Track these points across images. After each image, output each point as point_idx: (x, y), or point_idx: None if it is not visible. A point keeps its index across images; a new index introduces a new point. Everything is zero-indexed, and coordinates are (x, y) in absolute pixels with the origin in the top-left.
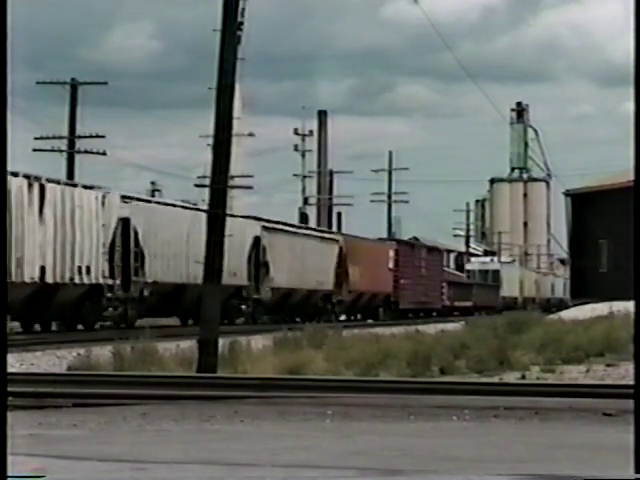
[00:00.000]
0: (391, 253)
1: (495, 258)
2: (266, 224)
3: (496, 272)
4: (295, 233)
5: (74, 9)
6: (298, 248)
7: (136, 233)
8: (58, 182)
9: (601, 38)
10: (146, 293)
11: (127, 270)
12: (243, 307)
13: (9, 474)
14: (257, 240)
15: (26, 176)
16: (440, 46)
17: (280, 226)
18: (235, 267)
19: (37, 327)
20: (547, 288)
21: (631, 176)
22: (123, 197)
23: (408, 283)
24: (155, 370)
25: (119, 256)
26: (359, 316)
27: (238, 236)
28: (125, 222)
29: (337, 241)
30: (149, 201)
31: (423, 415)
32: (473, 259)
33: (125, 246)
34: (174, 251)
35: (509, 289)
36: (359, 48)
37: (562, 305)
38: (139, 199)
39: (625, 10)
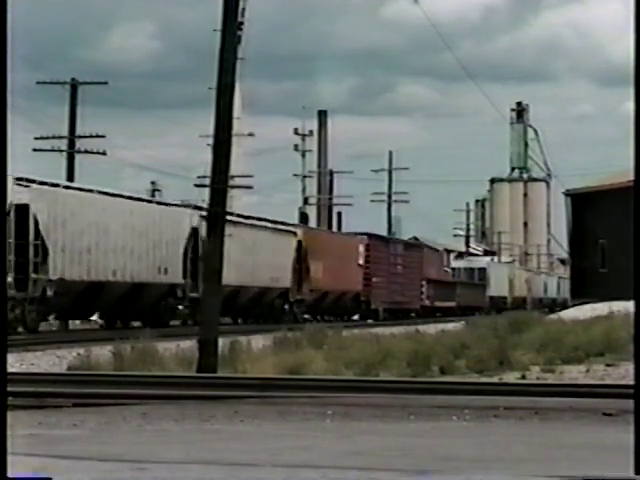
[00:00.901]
0: (361, 248)
1: (488, 258)
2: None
3: (483, 270)
4: (243, 224)
5: (74, 9)
6: (247, 241)
7: (36, 222)
8: None
9: (601, 38)
10: (49, 293)
11: (24, 266)
12: (180, 307)
13: (9, 474)
14: (195, 232)
15: None
16: (440, 46)
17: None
18: (167, 262)
19: None
20: (539, 287)
21: (631, 176)
22: (19, 179)
23: (381, 281)
24: (155, 370)
25: (14, 250)
26: (336, 318)
27: (171, 227)
28: (22, 209)
29: (295, 234)
30: (56, 185)
31: (423, 415)
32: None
33: (22, 238)
34: (87, 244)
35: (497, 288)
36: (359, 48)
37: (556, 305)
38: (42, 182)
39: (626, 10)
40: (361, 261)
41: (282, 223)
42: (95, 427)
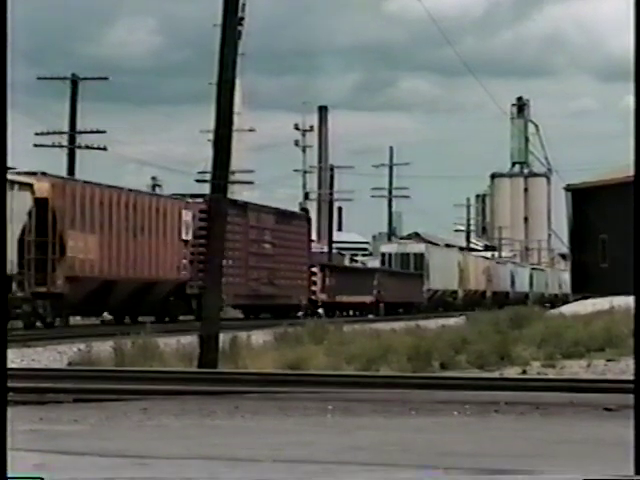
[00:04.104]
0: (187, 215)
1: (422, 244)
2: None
3: (420, 257)
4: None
5: (75, 4)
6: None
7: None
8: None
9: (603, 33)
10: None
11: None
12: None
13: (9, 475)
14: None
15: None
16: (442, 41)
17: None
18: None
19: None
20: (505, 280)
21: (631, 171)
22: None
23: (233, 266)
24: (156, 365)
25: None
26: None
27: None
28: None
29: (30, 187)
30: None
31: (424, 410)
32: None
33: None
34: None
35: (441, 280)
36: (361, 43)
37: (528, 301)
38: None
39: (627, 5)
40: (188, 235)
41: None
42: (96, 422)
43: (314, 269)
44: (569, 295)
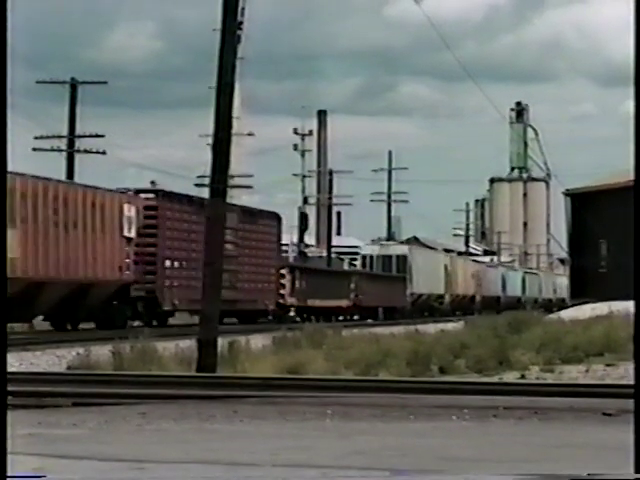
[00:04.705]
0: (130, 210)
1: (406, 246)
2: None
3: (403, 259)
4: None
5: (74, 8)
6: None
7: None
8: None
9: (603, 38)
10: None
11: None
12: None
13: (9, 474)
14: None
15: None
16: (442, 46)
17: None
18: None
19: None
20: (495, 284)
21: (631, 176)
22: None
23: (188, 268)
24: (154, 369)
25: None
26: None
27: None
28: None
29: None
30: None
31: (423, 415)
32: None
33: None
34: None
35: (426, 283)
36: (360, 47)
37: (520, 306)
38: None
39: (627, 10)
40: (131, 232)
41: None
42: (94, 427)
43: (283, 271)
44: (564, 300)
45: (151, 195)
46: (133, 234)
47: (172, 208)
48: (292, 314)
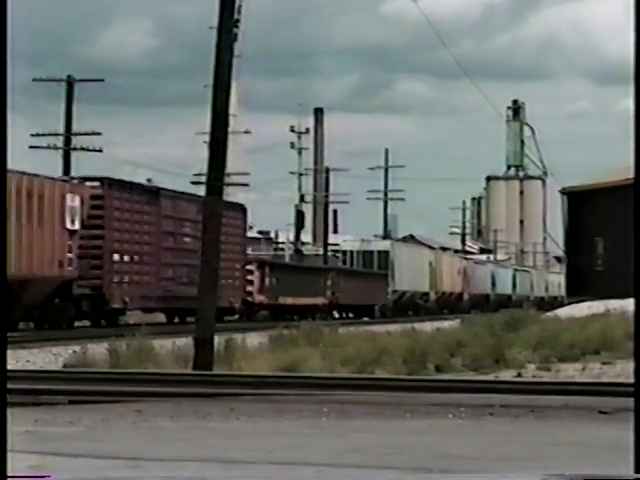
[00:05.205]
0: (74, 200)
1: (388, 241)
2: None
3: (384, 254)
4: None
5: (70, 6)
6: None
7: None
8: None
9: (599, 36)
10: None
11: None
12: None
13: (9, 473)
14: None
15: None
16: (439, 43)
17: None
18: None
19: None
20: (484, 281)
21: (627, 174)
22: None
23: (140, 262)
24: (151, 367)
25: None
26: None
27: None
28: None
29: None
30: None
31: (419, 413)
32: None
33: None
34: None
35: (409, 280)
36: (357, 45)
37: (511, 304)
38: None
39: (624, 7)
40: (74, 224)
41: None
42: (91, 424)
43: (250, 267)
44: (557, 298)
45: (97, 183)
46: (77, 226)
47: (121, 197)
48: (264, 312)
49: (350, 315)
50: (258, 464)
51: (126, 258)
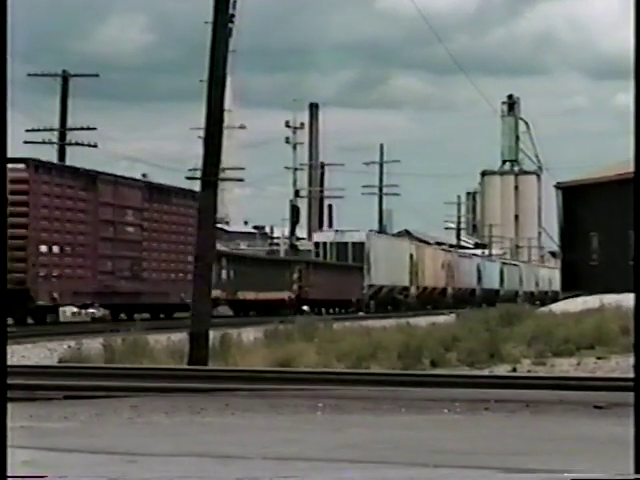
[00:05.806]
0: None
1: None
2: None
3: (359, 246)
4: None
5: (66, 1)
6: None
7: None
8: None
9: (594, 31)
10: None
11: None
12: None
13: (9, 474)
14: None
15: None
16: (434, 38)
17: None
18: None
19: None
20: (470, 275)
21: (622, 169)
22: None
23: (72, 254)
24: (146, 362)
25: None
26: None
27: None
28: None
29: None
30: None
31: (414, 408)
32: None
33: None
34: None
35: (387, 274)
36: (353, 40)
37: (498, 299)
38: None
39: (620, 2)
40: None
41: None
42: (86, 419)
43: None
44: (548, 293)
45: (21, 165)
46: None
47: (50, 182)
48: (219, 309)
49: (322, 310)
50: (253, 459)
51: (55, 249)
